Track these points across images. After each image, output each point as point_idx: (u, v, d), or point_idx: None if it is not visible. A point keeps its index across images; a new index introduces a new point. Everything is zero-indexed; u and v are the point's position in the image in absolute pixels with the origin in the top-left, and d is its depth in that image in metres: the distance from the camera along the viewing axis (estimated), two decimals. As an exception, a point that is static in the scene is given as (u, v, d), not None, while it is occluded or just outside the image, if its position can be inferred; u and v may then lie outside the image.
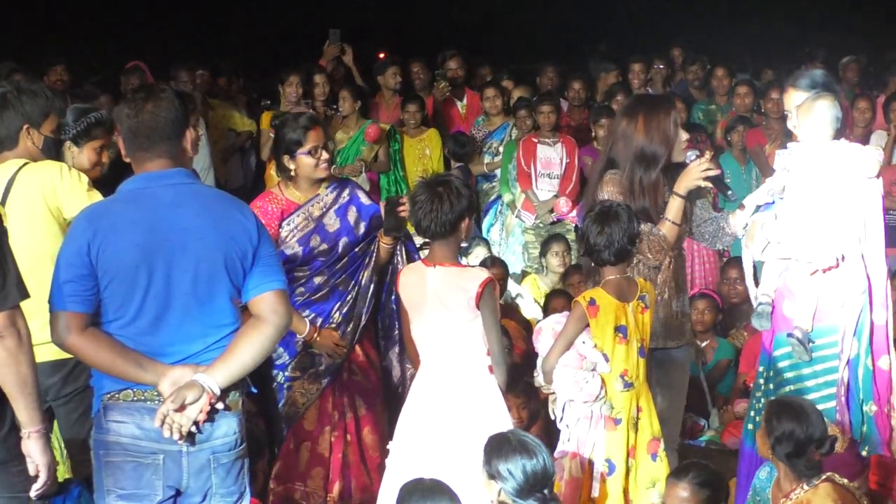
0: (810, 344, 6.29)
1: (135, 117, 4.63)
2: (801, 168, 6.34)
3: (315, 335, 6.63)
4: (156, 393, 4.53)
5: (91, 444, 4.74)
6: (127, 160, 4.77)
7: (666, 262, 6.23)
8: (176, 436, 4.48)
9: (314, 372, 6.71)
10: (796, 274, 6.37)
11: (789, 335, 6.32)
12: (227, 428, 4.63)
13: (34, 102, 5.99)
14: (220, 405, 4.56)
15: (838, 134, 6.41)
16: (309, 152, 6.62)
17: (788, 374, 6.41)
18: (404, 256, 6.88)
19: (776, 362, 6.47)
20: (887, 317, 6.37)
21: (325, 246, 6.68)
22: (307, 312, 6.67)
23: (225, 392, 4.56)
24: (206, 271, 4.57)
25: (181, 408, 4.46)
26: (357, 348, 6.83)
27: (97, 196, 5.71)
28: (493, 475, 4.87)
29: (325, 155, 6.69)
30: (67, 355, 4.89)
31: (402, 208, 6.53)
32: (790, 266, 6.39)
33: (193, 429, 4.52)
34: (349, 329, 6.76)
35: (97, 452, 4.67)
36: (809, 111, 6.35)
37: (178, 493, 4.66)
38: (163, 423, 4.47)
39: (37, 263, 5.19)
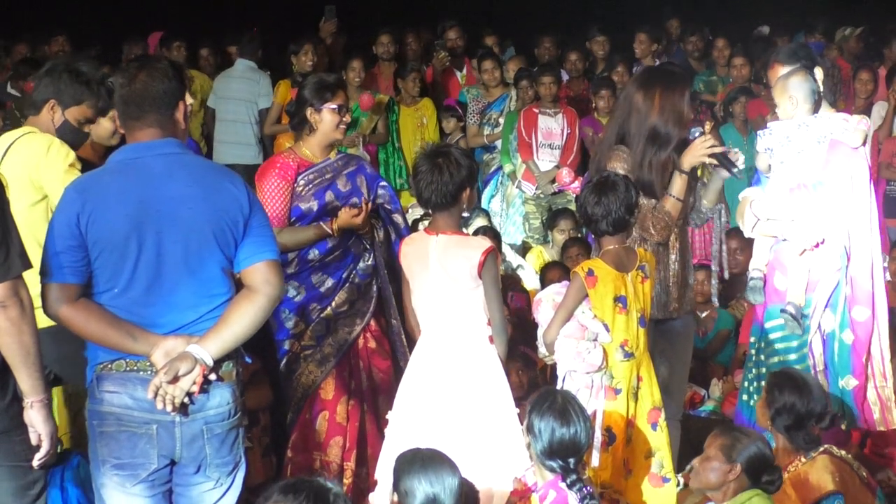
0: (803, 318, 6.33)
1: (127, 86, 4.63)
2: (783, 146, 6.37)
3: (333, 226, 6.62)
4: (148, 363, 4.53)
5: (86, 415, 4.76)
6: (122, 131, 4.79)
7: (672, 238, 6.25)
8: (169, 407, 4.49)
9: (323, 350, 6.74)
10: (788, 248, 6.40)
11: (782, 310, 6.36)
12: (221, 398, 4.63)
13: (73, 85, 6.02)
14: (213, 376, 4.57)
15: (817, 105, 6.43)
16: (335, 109, 6.66)
17: (778, 346, 6.46)
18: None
19: (767, 334, 6.51)
20: (855, 289, 6.40)
21: (338, 203, 6.68)
22: (320, 275, 6.69)
23: (218, 363, 4.57)
24: (196, 241, 4.57)
25: (174, 379, 4.47)
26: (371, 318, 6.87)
27: (76, 174, 5.69)
28: (528, 428, 4.96)
29: (346, 118, 6.76)
30: None
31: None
32: (781, 240, 6.43)
33: (186, 400, 4.53)
34: (364, 294, 6.80)
35: (91, 423, 4.68)
36: (784, 88, 6.39)
37: (174, 463, 4.68)
38: (156, 394, 4.47)
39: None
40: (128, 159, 4.63)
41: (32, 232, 5.35)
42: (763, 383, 6.47)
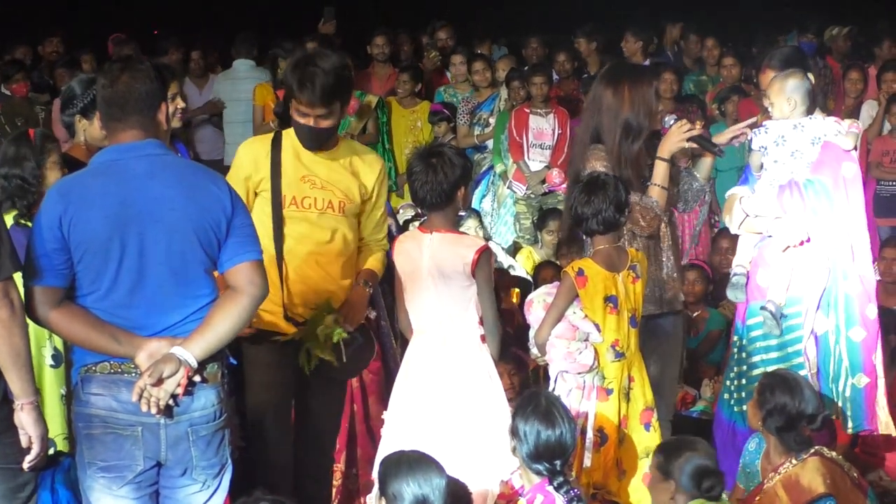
0: (782, 318, 6.34)
1: (110, 87, 4.62)
2: (777, 146, 6.39)
3: None
4: (132, 365, 4.52)
5: (72, 418, 4.75)
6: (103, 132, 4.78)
7: (662, 228, 6.27)
8: (154, 410, 4.47)
9: None
10: (772, 245, 6.41)
11: (762, 308, 6.36)
12: (206, 400, 4.62)
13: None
14: (197, 378, 4.56)
15: (812, 107, 6.45)
16: None
17: (759, 345, 6.46)
18: None
19: (748, 332, 6.51)
20: (866, 287, 6.40)
21: None
22: None
23: (203, 365, 4.56)
24: (179, 242, 4.55)
25: (158, 382, 4.45)
26: None
27: None
28: (513, 431, 4.94)
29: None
30: None
31: None
32: (765, 237, 6.44)
33: (171, 402, 4.52)
34: None
35: (77, 425, 4.68)
36: (781, 90, 6.40)
37: (160, 465, 4.66)
38: (140, 396, 4.46)
39: None
40: (109, 161, 4.62)
41: None
42: (744, 382, 6.49)
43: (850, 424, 6.37)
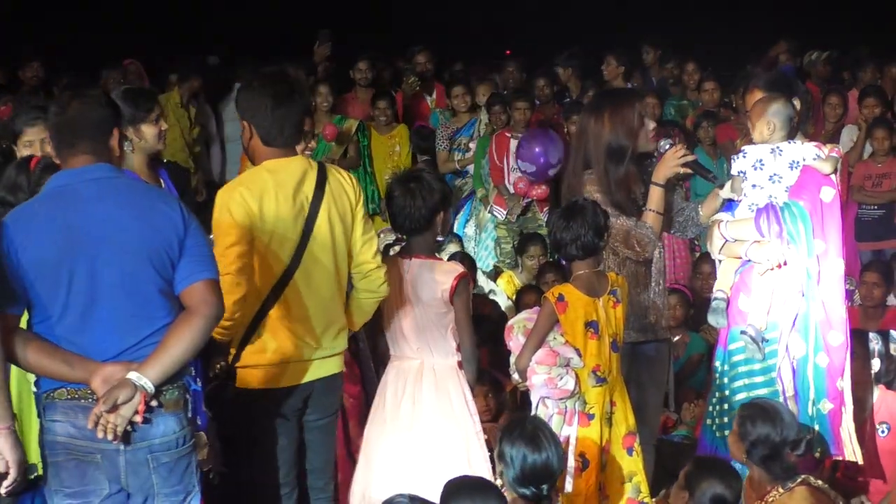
0: (763, 342, 6.33)
1: (61, 114, 4.65)
2: (756, 170, 6.40)
3: None
4: (90, 391, 4.49)
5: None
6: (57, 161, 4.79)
7: (656, 253, 6.28)
8: (110, 436, 4.44)
9: None
10: (752, 270, 6.41)
11: (742, 332, 6.35)
12: (166, 427, 4.58)
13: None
14: (154, 403, 4.52)
15: (793, 133, 6.46)
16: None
17: (742, 369, 6.45)
18: None
19: (730, 357, 6.51)
20: (829, 314, 6.40)
21: None
22: None
23: (160, 390, 4.52)
24: (131, 264, 4.53)
25: (114, 408, 4.41)
26: None
27: None
28: (500, 455, 4.94)
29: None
30: None
31: None
32: (746, 262, 6.45)
33: (129, 428, 4.48)
34: None
35: (42, 454, 4.65)
36: (762, 113, 6.41)
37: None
38: (97, 423, 4.43)
39: None
40: (59, 186, 4.62)
41: None
42: (727, 407, 6.48)
43: (818, 449, 6.36)
